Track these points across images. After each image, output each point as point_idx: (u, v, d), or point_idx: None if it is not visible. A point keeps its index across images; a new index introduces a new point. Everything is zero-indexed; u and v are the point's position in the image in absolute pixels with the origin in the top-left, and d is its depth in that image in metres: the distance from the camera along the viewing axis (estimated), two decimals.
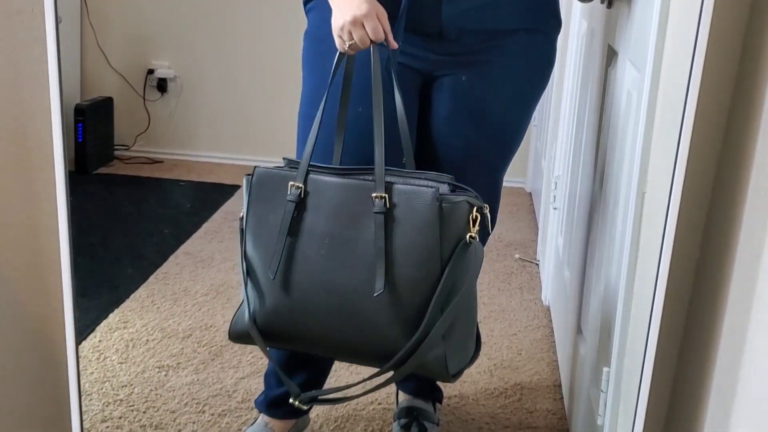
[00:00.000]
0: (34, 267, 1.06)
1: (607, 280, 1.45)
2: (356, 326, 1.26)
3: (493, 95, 1.45)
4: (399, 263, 1.22)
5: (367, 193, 1.25)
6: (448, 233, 1.22)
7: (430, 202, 1.22)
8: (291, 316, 1.29)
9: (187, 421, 1.76)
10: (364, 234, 1.24)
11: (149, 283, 2.44)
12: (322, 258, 1.26)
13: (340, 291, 1.25)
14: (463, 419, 1.84)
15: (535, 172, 3.44)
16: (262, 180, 1.32)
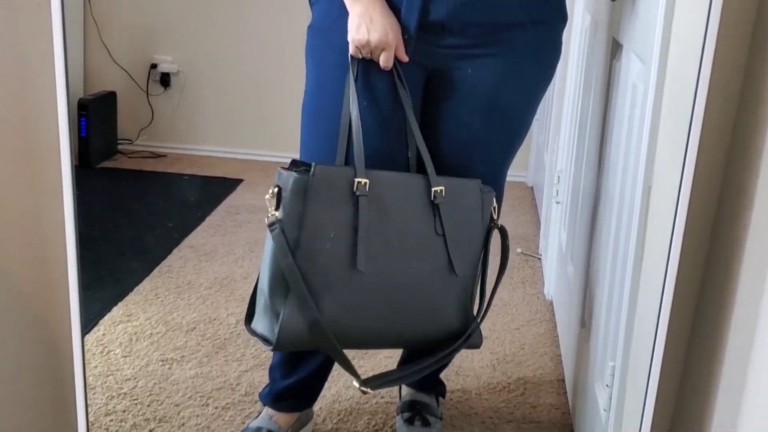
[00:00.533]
0: (39, 260, 1.06)
1: (611, 274, 1.45)
2: (423, 312, 1.36)
3: (498, 88, 1.44)
4: (458, 248, 1.37)
5: (421, 187, 1.36)
6: (485, 219, 1.42)
7: (475, 192, 1.40)
8: (363, 311, 1.33)
9: (191, 415, 1.76)
10: (421, 225, 1.35)
11: (153, 276, 2.44)
12: (386, 251, 1.33)
13: (407, 281, 1.35)
14: (466, 413, 1.84)
15: (537, 166, 3.44)
16: (325, 177, 1.30)
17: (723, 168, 1.07)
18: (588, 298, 1.69)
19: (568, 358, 1.98)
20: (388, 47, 1.34)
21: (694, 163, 1.01)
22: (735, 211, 1.02)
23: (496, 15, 1.40)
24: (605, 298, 1.49)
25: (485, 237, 1.42)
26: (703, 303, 1.10)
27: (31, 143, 1.01)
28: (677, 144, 1.07)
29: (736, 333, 0.97)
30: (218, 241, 2.76)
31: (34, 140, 1.01)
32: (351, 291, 1.31)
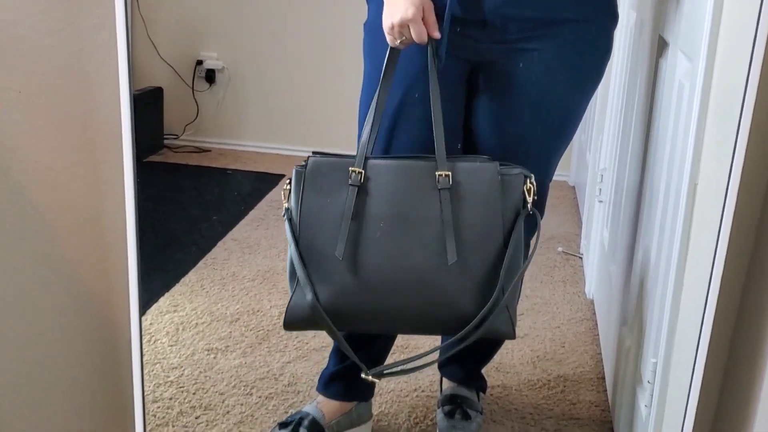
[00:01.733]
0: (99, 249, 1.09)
1: (655, 272, 1.45)
2: (427, 299, 1.33)
3: (547, 83, 1.44)
4: (465, 235, 1.32)
5: (428, 172, 1.33)
6: (509, 204, 1.34)
7: (491, 176, 1.34)
8: (359, 297, 1.34)
9: (235, 403, 1.80)
10: (427, 211, 1.32)
11: (198, 268, 2.49)
12: (386, 238, 1.33)
13: (408, 267, 1.33)
14: (507, 409, 1.85)
15: (579, 165, 3.43)
16: (317, 168, 1.37)
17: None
18: (630, 297, 1.69)
19: (608, 356, 1.98)
20: (412, 22, 1.33)
21: (742, 160, 1.02)
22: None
23: (537, 11, 1.41)
24: (648, 296, 1.49)
25: (513, 221, 1.35)
26: (748, 301, 1.10)
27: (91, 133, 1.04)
28: (725, 142, 1.08)
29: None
30: (261, 234, 2.80)
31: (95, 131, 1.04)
32: (346, 277, 1.34)
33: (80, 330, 1.10)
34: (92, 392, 1.14)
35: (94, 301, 1.09)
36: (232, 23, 3.66)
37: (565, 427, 1.79)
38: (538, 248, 2.75)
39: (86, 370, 1.12)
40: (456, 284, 1.33)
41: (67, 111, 1.01)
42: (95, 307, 1.10)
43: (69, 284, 1.06)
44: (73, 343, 1.09)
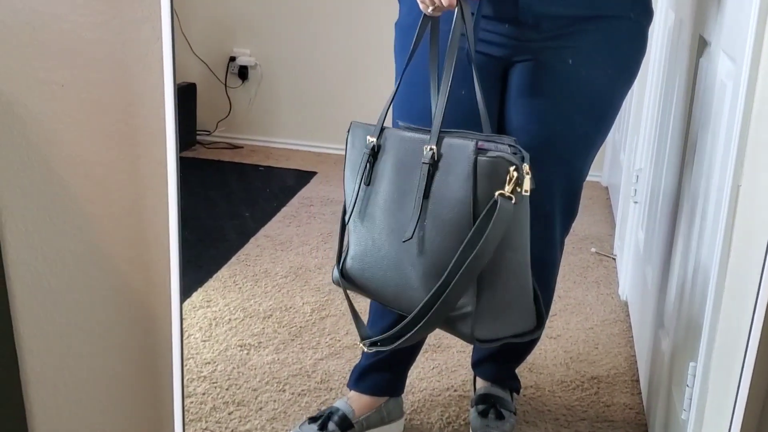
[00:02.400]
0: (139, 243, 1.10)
1: (693, 274, 1.43)
2: (399, 279, 1.31)
3: (581, 80, 1.43)
4: (435, 215, 1.24)
5: (422, 145, 1.28)
6: (484, 189, 1.20)
7: (468, 154, 1.21)
8: (363, 262, 1.37)
9: (268, 399, 1.80)
10: (411, 187, 1.28)
11: (231, 264, 2.50)
12: (385, 208, 1.32)
13: (393, 240, 1.31)
14: (540, 410, 1.84)
15: (613, 165, 3.39)
16: (354, 131, 1.43)
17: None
18: (667, 299, 1.67)
19: (643, 358, 1.96)
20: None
21: None
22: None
23: (570, 8, 1.40)
24: (686, 298, 1.47)
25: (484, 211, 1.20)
26: None
27: (132, 127, 1.05)
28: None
29: None
30: (293, 231, 2.80)
31: (136, 124, 1.05)
32: (360, 245, 1.37)
33: (121, 324, 1.10)
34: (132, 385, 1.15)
35: (134, 295, 1.10)
36: (265, 20, 3.67)
37: (599, 430, 1.77)
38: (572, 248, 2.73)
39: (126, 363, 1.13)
40: (418, 268, 1.26)
41: (109, 105, 1.01)
42: (136, 301, 1.11)
43: (110, 278, 1.07)
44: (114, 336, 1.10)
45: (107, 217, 1.04)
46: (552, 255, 1.64)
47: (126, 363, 1.13)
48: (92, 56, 0.99)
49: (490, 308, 1.25)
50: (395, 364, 1.69)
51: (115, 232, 1.06)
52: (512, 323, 1.30)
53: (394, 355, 1.67)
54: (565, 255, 2.72)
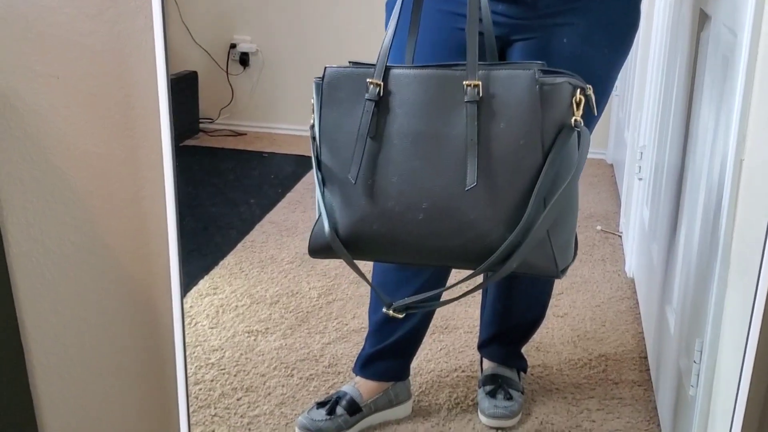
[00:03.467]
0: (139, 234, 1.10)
1: (699, 250, 1.43)
2: (453, 227, 1.17)
3: (578, 57, 1.43)
4: (496, 154, 1.14)
5: (457, 83, 1.15)
6: (550, 118, 1.14)
7: (528, 85, 1.13)
8: (379, 224, 1.20)
9: (277, 384, 1.81)
10: (454, 128, 1.16)
11: (237, 251, 2.51)
12: (409, 159, 1.18)
13: (433, 191, 1.16)
14: (548, 389, 1.84)
15: (617, 143, 3.38)
16: (335, 80, 1.24)
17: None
18: (673, 276, 1.67)
19: (650, 335, 1.96)
20: None
21: None
22: None
23: None
24: (692, 274, 1.47)
25: (554, 140, 1.14)
26: None
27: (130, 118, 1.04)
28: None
29: None
30: (298, 217, 2.80)
31: (134, 115, 1.05)
32: (364, 203, 1.19)
33: (124, 313, 1.11)
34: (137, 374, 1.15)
35: (136, 285, 1.10)
36: (264, 6, 3.66)
37: (608, 407, 1.77)
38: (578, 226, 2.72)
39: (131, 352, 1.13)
40: (481, 212, 1.15)
41: (106, 96, 1.01)
42: (137, 291, 1.11)
43: (112, 268, 1.07)
44: (117, 326, 1.11)
45: (107, 208, 1.04)
46: None
47: (130, 352, 1.13)
48: (87, 47, 0.99)
49: (562, 239, 1.19)
50: (400, 351, 1.70)
51: (116, 223, 1.06)
52: (571, 250, 1.23)
53: (399, 343, 1.67)
54: None
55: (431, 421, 1.71)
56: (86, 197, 1.02)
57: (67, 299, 1.06)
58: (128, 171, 1.05)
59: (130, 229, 1.08)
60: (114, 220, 1.07)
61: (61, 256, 1.03)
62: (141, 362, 1.15)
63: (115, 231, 1.08)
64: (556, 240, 1.17)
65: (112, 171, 1.03)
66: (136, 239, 1.09)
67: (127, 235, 1.09)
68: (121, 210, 1.07)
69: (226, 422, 1.68)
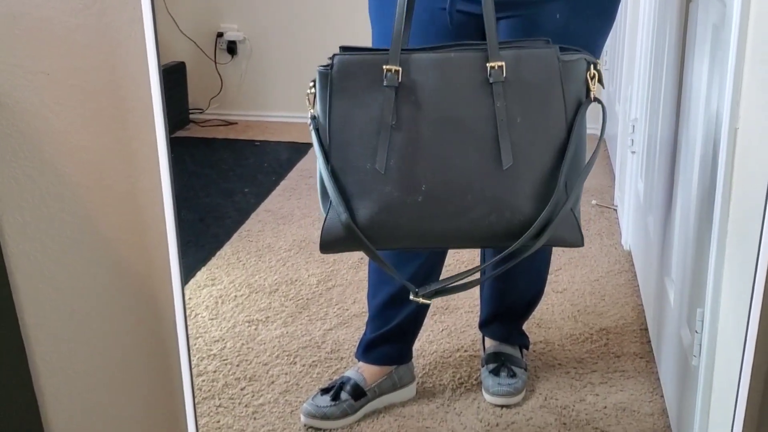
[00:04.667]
0: (137, 226, 1.10)
1: (696, 220, 1.43)
2: (482, 207, 1.18)
3: (564, 32, 1.43)
4: (523, 133, 1.17)
5: (478, 65, 1.16)
6: (571, 93, 1.19)
7: (551, 63, 1.17)
8: (405, 211, 1.19)
9: (280, 373, 1.81)
10: (478, 110, 1.16)
11: (233, 240, 2.50)
12: (433, 144, 1.17)
13: (459, 174, 1.17)
14: (550, 364, 1.85)
15: (609, 117, 3.38)
16: (345, 68, 1.21)
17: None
18: (671, 247, 1.67)
19: (650, 307, 1.96)
20: None
21: None
22: None
23: None
24: (690, 244, 1.47)
25: (574, 115, 1.19)
26: None
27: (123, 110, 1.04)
28: (766, 82, 1.05)
29: None
30: (294, 204, 2.80)
31: (126, 107, 1.04)
32: (389, 191, 1.19)
33: (125, 308, 1.10)
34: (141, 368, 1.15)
35: (136, 278, 1.10)
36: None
37: (611, 380, 1.78)
38: None
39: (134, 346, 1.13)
40: (513, 189, 1.18)
41: (97, 89, 1.00)
42: (138, 284, 1.10)
43: (111, 263, 1.07)
44: (119, 321, 1.10)
45: (103, 203, 1.03)
46: None
47: (133, 346, 1.13)
48: (76, 42, 0.98)
49: (578, 207, 1.24)
50: (401, 334, 1.70)
51: (113, 217, 1.05)
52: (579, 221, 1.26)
53: (400, 327, 1.67)
54: None
55: (436, 402, 1.72)
56: (82, 192, 1.01)
57: (68, 295, 1.05)
58: (123, 164, 1.04)
59: (128, 222, 1.08)
60: (111, 214, 1.06)
61: (60, 253, 1.02)
62: (144, 355, 1.15)
63: (113, 225, 1.07)
64: (578, 211, 1.23)
65: (106, 165, 1.03)
66: (135, 232, 1.09)
67: (125, 229, 1.08)
68: (117, 204, 1.06)
69: (230, 412, 1.68)
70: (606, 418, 1.65)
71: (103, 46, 1.00)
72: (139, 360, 1.14)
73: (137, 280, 1.10)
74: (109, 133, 1.02)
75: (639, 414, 1.67)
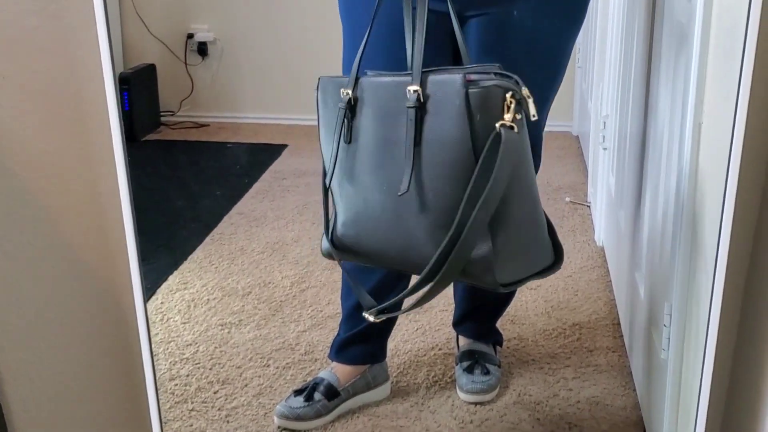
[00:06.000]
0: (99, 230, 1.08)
1: (664, 214, 1.44)
2: (403, 237, 1.19)
3: (535, 30, 1.43)
4: (431, 160, 1.14)
5: (404, 89, 1.16)
6: (482, 123, 1.10)
7: (458, 89, 1.11)
8: (358, 227, 1.25)
9: (253, 375, 1.80)
10: (399, 134, 1.17)
11: (206, 244, 2.48)
12: (372, 165, 1.21)
13: (389, 196, 1.19)
14: (524, 360, 1.85)
15: (582, 114, 3.39)
16: (324, 87, 1.31)
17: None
18: (641, 241, 1.68)
19: (622, 301, 1.97)
20: None
21: (747, 96, 1.00)
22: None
23: None
24: (658, 239, 1.48)
25: (485, 143, 1.10)
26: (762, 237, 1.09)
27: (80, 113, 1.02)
28: (728, 78, 1.06)
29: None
30: (267, 206, 2.79)
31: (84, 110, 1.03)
32: (351, 209, 1.26)
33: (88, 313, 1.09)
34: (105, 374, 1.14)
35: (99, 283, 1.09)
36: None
37: (584, 374, 1.79)
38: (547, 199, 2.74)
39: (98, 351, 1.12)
40: (416, 219, 1.16)
41: (56, 92, 0.99)
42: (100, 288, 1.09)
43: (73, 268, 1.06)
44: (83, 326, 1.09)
45: (65, 206, 1.02)
46: None
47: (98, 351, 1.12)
48: (33, 44, 0.97)
49: (508, 248, 1.15)
50: (375, 334, 1.70)
51: (73, 221, 1.04)
52: (532, 261, 1.20)
53: (373, 326, 1.66)
54: None
55: (410, 401, 1.71)
56: (43, 197, 1.00)
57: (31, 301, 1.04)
58: (83, 167, 1.03)
59: (90, 226, 1.07)
60: (72, 218, 1.05)
61: (22, 259, 1.01)
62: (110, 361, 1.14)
63: (75, 229, 1.06)
64: (498, 250, 1.13)
65: (66, 168, 1.01)
66: (96, 236, 1.08)
67: (87, 233, 1.07)
68: (78, 207, 1.05)
69: (203, 416, 1.67)
70: (579, 413, 1.66)
71: (61, 48, 0.99)
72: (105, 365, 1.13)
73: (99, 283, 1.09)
74: (68, 137, 1.01)
75: (612, 408, 1.67)
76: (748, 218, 1.05)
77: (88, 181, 1.04)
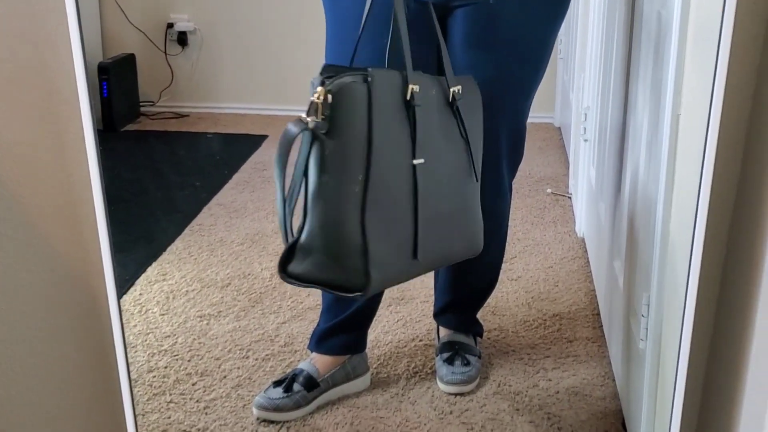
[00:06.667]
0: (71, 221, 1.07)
1: (642, 206, 1.44)
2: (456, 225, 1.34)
3: (519, 21, 1.44)
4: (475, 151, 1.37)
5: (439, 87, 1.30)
6: None
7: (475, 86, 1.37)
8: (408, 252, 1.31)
9: (232, 367, 1.79)
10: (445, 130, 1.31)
11: (185, 235, 2.47)
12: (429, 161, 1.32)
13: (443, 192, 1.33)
14: (504, 351, 1.86)
15: (563, 106, 3.40)
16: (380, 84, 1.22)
17: (754, 89, 1.05)
18: (620, 232, 1.68)
19: (601, 292, 1.98)
20: None
21: (723, 88, 0.99)
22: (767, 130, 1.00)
23: None
24: (637, 230, 1.48)
25: None
26: (737, 228, 1.09)
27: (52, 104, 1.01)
28: (705, 69, 1.05)
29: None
30: (247, 197, 2.77)
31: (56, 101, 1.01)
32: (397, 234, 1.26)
33: (62, 304, 1.08)
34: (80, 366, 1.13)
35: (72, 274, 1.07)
36: None
37: (563, 365, 1.79)
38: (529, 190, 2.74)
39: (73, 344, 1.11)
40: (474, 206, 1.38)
41: (26, 81, 0.97)
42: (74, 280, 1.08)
43: (47, 260, 1.04)
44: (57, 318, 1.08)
45: (37, 197, 1.01)
46: (504, 201, 1.66)
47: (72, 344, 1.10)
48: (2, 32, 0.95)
49: None
50: (354, 324, 1.69)
51: (47, 212, 1.03)
52: None
53: (354, 317, 1.67)
54: (522, 197, 2.75)
55: (390, 392, 1.71)
56: (15, 188, 0.98)
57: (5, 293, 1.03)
58: (55, 158, 1.01)
59: (62, 216, 1.05)
60: (45, 208, 1.03)
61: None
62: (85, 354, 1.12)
63: (48, 220, 1.04)
64: None
65: (38, 159, 1.00)
66: (70, 227, 1.06)
67: (59, 223, 1.06)
68: (51, 198, 1.03)
69: (181, 408, 1.66)
70: (558, 403, 1.66)
71: (31, 36, 0.97)
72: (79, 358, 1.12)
73: (74, 276, 1.07)
74: (39, 127, 0.99)
75: (591, 398, 1.68)
76: (724, 208, 1.06)
77: (60, 170, 1.03)
